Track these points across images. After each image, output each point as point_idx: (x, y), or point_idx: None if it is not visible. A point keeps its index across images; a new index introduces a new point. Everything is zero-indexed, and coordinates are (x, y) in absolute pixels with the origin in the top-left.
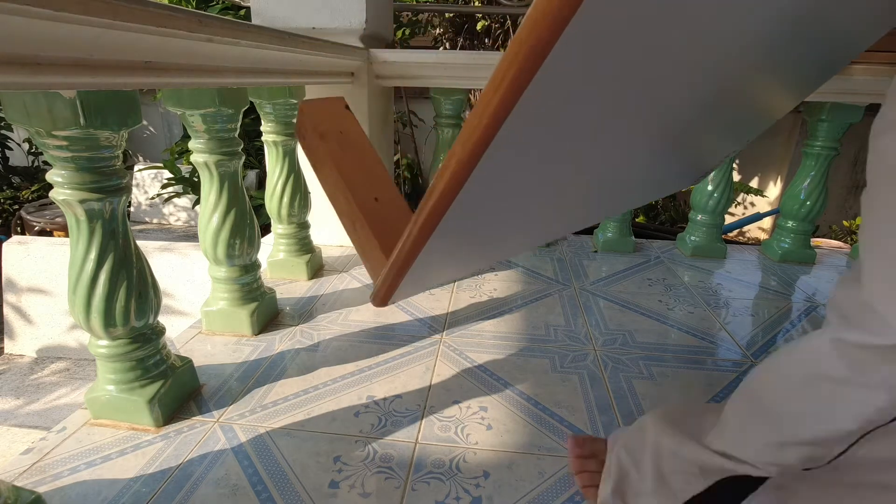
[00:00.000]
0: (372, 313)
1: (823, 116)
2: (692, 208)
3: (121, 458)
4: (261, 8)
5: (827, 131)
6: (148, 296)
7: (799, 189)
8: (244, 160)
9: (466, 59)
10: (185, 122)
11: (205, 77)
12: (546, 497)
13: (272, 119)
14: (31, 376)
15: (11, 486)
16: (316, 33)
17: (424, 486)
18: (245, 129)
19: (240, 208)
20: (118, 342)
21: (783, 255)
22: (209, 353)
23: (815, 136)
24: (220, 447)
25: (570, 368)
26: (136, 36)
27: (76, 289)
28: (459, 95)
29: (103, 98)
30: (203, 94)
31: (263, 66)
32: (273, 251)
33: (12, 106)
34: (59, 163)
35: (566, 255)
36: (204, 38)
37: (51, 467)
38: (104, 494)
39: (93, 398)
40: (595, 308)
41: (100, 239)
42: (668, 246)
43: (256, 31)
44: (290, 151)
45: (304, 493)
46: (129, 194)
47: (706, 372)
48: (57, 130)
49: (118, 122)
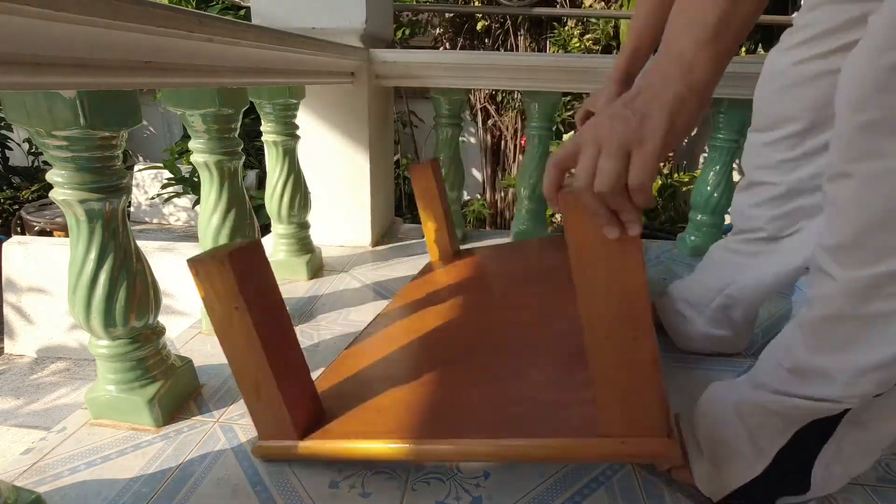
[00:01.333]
0: (372, 314)
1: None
2: (692, 208)
3: (121, 458)
4: (261, 8)
5: (727, 124)
6: (148, 296)
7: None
8: (244, 160)
9: (466, 59)
10: (185, 122)
11: (205, 77)
12: (546, 497)
13: (272, 119)
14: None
15: (11, 486)
16: (316, 33)
17: (424, 486)
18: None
19: (240, 208)
20: (118, 342)
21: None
22: (209, 353)
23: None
24: (221, 447)
25: None
26: (136, 36)
27: (76, 289)
28: (459, 95)
29: (103, 98)
30: (203, 94)
31: (263, 66)
32: (273, 251)
33: (12, 106)
34: (59, 163)
35: None
36: (204, 38)
37: (51, 467)
38: (104, 494)
39: (93, 398)
40: None
41: (100, 239)
42: (668, 246)
43: (256, 31)
44: (290, 151)
45: (304, 492)
46: (129, 194)
47: (705, 371)
48: (57, 130)
49: (118, 122)
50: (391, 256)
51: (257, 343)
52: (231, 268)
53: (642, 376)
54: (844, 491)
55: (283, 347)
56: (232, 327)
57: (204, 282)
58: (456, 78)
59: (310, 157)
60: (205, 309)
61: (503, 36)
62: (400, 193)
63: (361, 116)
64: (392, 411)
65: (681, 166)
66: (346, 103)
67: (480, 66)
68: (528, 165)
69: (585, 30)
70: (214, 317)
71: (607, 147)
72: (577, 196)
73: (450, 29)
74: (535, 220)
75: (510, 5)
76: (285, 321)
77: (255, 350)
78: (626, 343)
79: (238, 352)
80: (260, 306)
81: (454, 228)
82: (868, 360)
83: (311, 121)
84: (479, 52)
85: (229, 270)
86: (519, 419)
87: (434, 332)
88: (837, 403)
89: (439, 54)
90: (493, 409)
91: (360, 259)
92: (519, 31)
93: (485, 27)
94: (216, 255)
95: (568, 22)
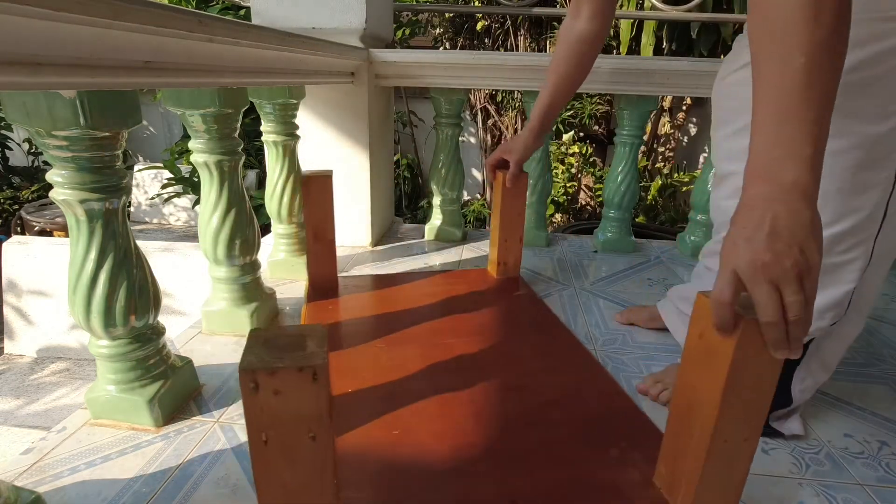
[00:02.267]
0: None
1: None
2: (692, 208)
3: (121, 458)
4: (261, 8)
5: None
6: (148, 296)
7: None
8: (244, 160)
9: (466, 59)
10: (185, 122)
11: (205, 77)
12: None
13: (272, 119)
14: (31, 376)
15: (11, 486)
16: (316, 33)
17: None
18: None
19: (240, 208)
20: (118, 342)
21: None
22: (209, 353)
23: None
24: (221, 447)
25: None
26: (136, 36)
27: (76, 289)
28: (459, 95)
29: (103, 98)
30: (203, 94)
31: (263, 66)
32: (273, 251)
33: (12, 106)
34: (59, 163)
35: (566, 255)
36: (204, 38)
37: (51, 467)
38: (104, 494)
39: (93, 398)
40: (595, 308)
41: (100, 239)
42: (668, 246)
43: (256, 31)
44: (290, 151)
45: None
46: (129, 194)
47: None
48: (57, 130)
49: (118, 122)
50: (391, 256)
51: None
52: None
53: None
54: (845, 491)
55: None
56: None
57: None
58: (456, 78)
59: (310, 157)
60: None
61: (503, 36)
62: (400, 193)
63: (361, 116)
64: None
65: (681, 166)
66: (346, 103)
67: (480, 66)
68: (528, 165)
69: None
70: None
71: (789, 284)
72: (758, 325)
73: (450, 29)
74: (535, 219)
75: (510, 5)
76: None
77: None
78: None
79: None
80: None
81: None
82: (827, 301)
83: (311, 121)
84: (479, 52)
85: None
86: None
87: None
88: (809, 337)
89: (439, 54)
90: None
91: (360, 259)
92: (519, 31)
93: (485, 27)
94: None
95: None
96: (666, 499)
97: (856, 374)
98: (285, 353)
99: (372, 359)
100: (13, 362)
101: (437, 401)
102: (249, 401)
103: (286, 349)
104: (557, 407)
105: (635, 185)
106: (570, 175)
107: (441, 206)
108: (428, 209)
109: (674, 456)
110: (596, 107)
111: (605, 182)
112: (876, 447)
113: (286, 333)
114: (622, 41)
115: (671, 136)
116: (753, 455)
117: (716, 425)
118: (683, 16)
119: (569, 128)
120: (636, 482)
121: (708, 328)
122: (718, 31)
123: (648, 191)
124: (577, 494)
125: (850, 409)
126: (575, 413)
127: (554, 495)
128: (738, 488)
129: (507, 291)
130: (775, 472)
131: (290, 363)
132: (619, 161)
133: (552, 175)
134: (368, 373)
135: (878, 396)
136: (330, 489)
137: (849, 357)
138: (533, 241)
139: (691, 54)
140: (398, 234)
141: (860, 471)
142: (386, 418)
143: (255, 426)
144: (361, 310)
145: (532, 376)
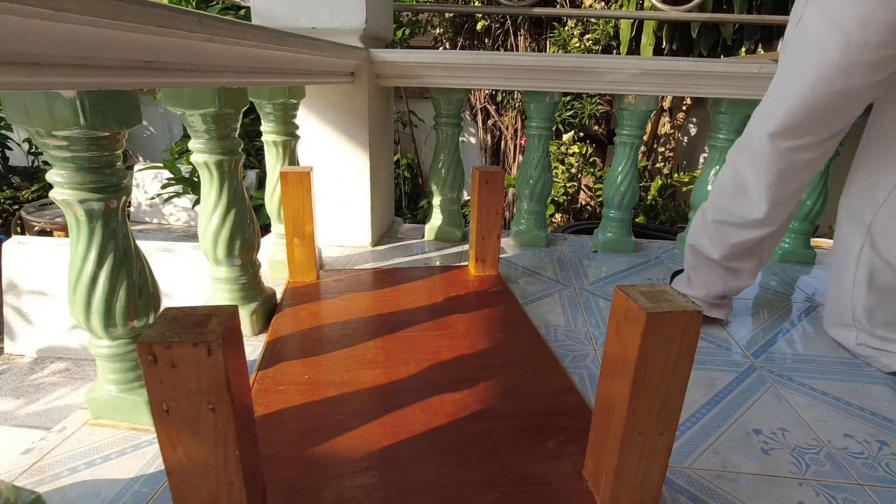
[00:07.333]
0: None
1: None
2: (692, 208)
3: (121, 457)
4: (261, 8)
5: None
6: (148, 296)
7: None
8: (244, 160)
9: (466, 59)
10: (185, 122)
11: (205, 77)
12: None
13: (272, 119)
14: (31, 376)
15: (11, 485)
16: (316, 33)
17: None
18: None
19: (240, 208)
20: (118, 342)
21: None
22: None
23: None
24: None
25: (571, 368)
26: (136, 36)
27: (76, 289)
28: (459, 95)
29: (103, 98)
30: (203, 94)
31: (263, 66)
32: (273, 251)
33: (12, 106)
34: (59, 163)
35: (566, 255)
36: (204, 38)
37: (51, 467)
38: (104, 494)
39: (93, 398)
40: (595, 308)
41: (100, 239)
42: (668, 246)
43: (256, 31)
44: (290, 151)
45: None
46: (129, 194)
47: (706, 372)
48: (57, 130)
49: (118, 122)
50: (391, 256)
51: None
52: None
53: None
54: (845, 491)
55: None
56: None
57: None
58: (456, 78)
59: (310, 158)
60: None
61: (503, 36)
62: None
63: (361, 116)
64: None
65: (681, 166)
66: (346, 103)
67: (480, 66)
68: (527, 165)
69: (585, 30)
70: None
71: None
72: (663, 318)
73: (450, 29)
74: (535, 220)
75: (510, 5)
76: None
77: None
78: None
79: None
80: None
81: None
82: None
83: (311, 121)
84: (479, 52)
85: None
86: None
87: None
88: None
89: (439, 54)
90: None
91: (360, 259)
92: (519, 31)
93: (485, 27)
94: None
95: (568, 22)
96: (591, 491)
97: (856, 374)
98: (185, 330)
99: (332, 348)
100: (13, 362)
101: (386, 389)
102: (150, 372)
103: (189, 326)
104: (505, 400)
105: (635, 185)
106: (570, 175)
107: (441, 205)
108: (428, 209)
109: (598, 450)
110: (596, 107)
111: (605, 182)
112: (876, 447)
113: (195, 312)
114: (622, 41)
115: (671, 136)
116: (671, 449)
117: (628, 419)
118: (683, 16)
119: (569, 128)
120: (567, 474)
121: (623, 321)
122: (718, 31)
123: (648, 191)
124: (506, 483)
125: (850, 409)
126: (522, 407)
127: (484, 483)
128: (658, 481)
129: (481, 288)
130: (775, 472)
131: (186, 338)
132: (619, 161)
133: (552, 175)
134: (327, 361)
135: (878, 396)
136: (233, 460)
137: (849, 357)
138: (533, 241)
139: (691, 54)
140: (398, 234)
141: (860, 471)
142: (330, 402)
143: (156, 396)
144: (335, 304)
145: (487, 370)
